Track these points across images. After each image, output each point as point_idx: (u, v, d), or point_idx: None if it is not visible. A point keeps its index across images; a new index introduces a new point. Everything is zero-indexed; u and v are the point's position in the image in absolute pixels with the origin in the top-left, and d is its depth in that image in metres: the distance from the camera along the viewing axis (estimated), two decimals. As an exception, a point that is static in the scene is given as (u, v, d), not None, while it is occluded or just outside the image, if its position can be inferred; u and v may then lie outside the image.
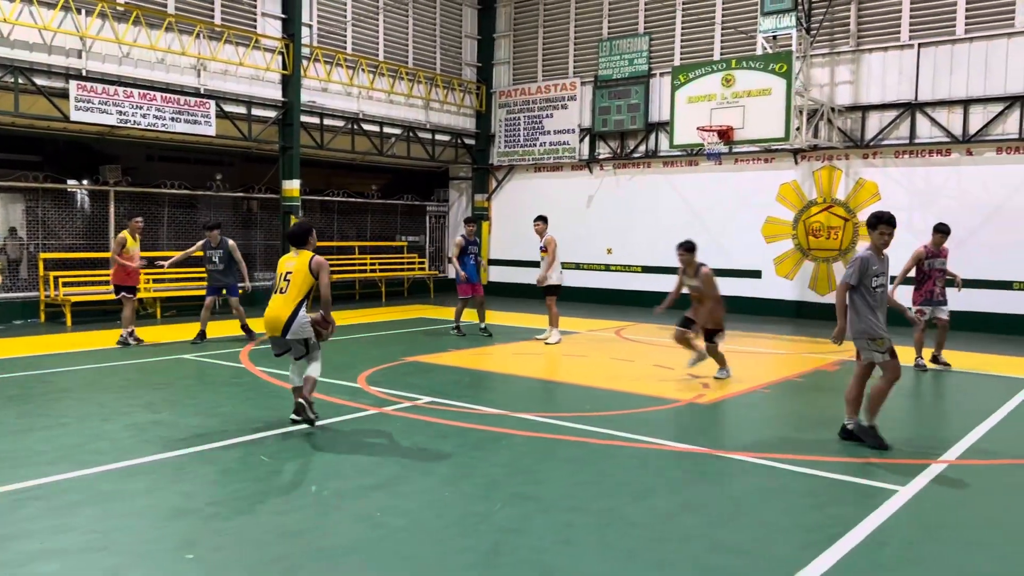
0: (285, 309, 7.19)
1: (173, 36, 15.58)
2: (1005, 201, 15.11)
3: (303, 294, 7.23)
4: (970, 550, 4.71)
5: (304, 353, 7.32)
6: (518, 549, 4.60)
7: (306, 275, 7.21)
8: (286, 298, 7.22)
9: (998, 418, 8.05)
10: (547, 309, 12.99)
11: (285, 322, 7.17)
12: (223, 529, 4.84)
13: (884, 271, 7.15)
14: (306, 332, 7.22)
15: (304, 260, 7.26)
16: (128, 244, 12.24)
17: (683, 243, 10.17)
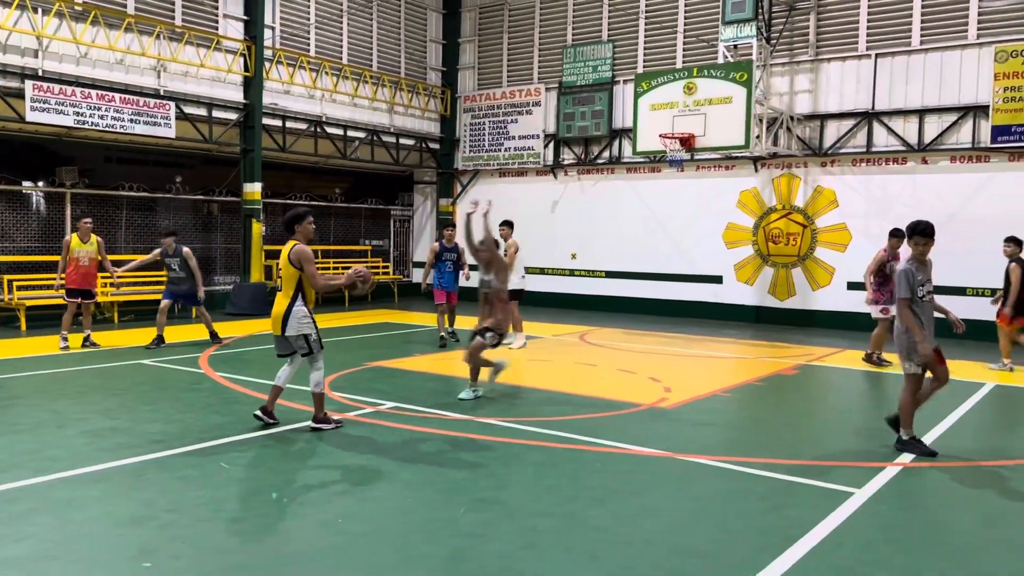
0: (281, 306, 7.16)
1: (133, 37, 15.36)
2: (959, 209, 15.48)
3: (293, 287, 7.16)
4: (925, 551, 4.81)
5: (309, 351, 7.22)
6: (481, 555, 4.60)
7: (289, 267, 7.15)
8: (282, 295, 7.20)
9: (951, 421, 8.24)
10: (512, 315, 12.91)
11: (282, 319, 7.12)
12: (182, 537, 4.77)
13: (928, 278, 7.14)
14: (305, 328, 7.14)
15: (285, 253, 7.19)
16: (74, 246, 11.94)
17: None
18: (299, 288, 7.17)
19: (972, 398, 9.46)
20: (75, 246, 11.97)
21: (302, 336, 7.18)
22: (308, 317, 7.21)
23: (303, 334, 7.17)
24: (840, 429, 8.24)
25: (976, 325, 15.19)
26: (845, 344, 13.96)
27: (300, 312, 7.15)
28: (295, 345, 7.23)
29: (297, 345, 7.22)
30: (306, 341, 7.20)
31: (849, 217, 16.58)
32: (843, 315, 16.47)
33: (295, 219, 7.32)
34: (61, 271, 12.01)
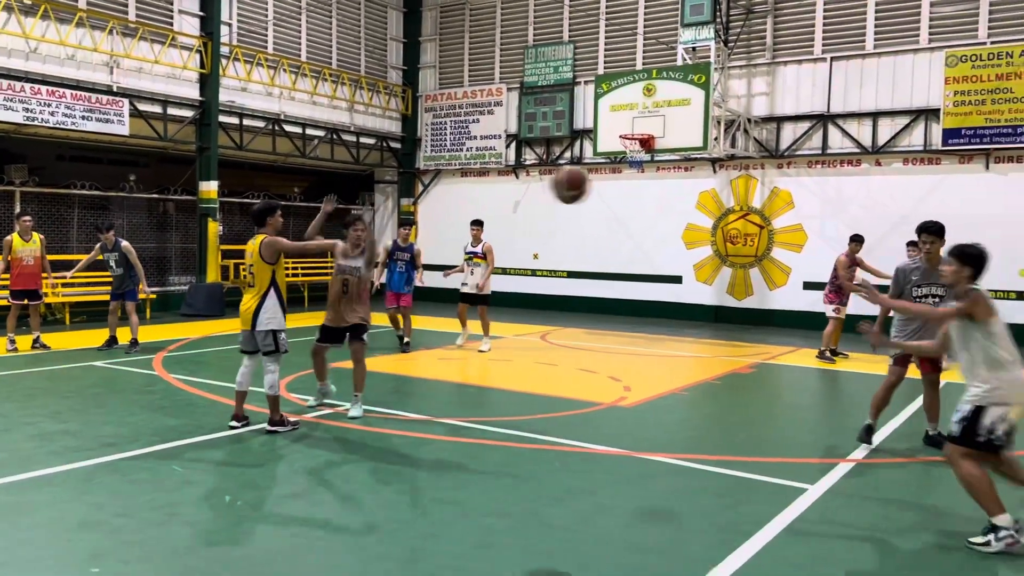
0: (254, 301, 7.04)
1: (84, 32, 15.04)
2: (911, 211, 15.76)
3: (267, 282, 7.02)
4: (874, 546, 4.90)
5: (273, 350, 7.06)
6: (437, 554, 4.58)
7: (260, 261, 7.00)
8: (255, 291, 7.07)
9: (903, 418, 8.40)
10: (481, 317, 12.52)
11: (254, 313, 7.00)
12: (132, 541, 4.68)
13: (931, 281, 6.72)
14: (275, 323, 7.04)
15: (255, 247, 7.03)
16: (15, 245, 11.56)
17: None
18: (273, 283, 7.05)
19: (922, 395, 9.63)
20: (17, 245, 11.58)
21: (270, 332, 7.03)
22: (281, 314, 7.11)
23: (271, 330, 7.04)
24: (794, 426, 8.36)
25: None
26: (800, 343, 14.17)
27: (273, 307, 7.05)
28: (261, 343, 7.07)
29: (264, 343, 7.06)
30: (273, 339, 7.05)
31: (805, 218, 16.84)
32: (799, 314, 16.72)
33: (267, 211, 7.14)
34: (3, 272, 11.65)
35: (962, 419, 4.87)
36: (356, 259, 7.73)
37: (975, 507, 5.65)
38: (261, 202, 7.34)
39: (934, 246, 6.67)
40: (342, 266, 7.73)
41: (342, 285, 7.77)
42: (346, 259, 7.67)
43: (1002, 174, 15.03)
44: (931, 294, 6.79)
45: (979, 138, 14.85)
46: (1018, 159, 14.89)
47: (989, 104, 14.72)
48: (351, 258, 7.69)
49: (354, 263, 7.73)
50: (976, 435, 4.74)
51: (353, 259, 7.71)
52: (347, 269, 7.76)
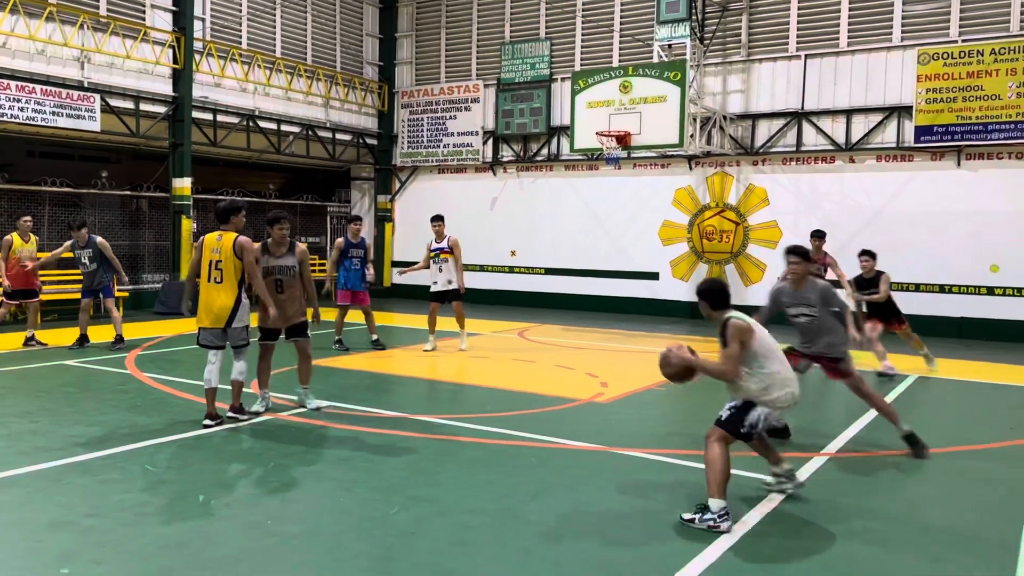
0: (228, 299, 7.09)
1: (55, 26, 14.82)
2: (884, 207, 15.98)
3: (238, 279, 7.13)
4: (848, 540, 4.94)
5: (244, 342, 7.28)
6: (413, 552, 4.56)
7: (233, 259, 7.08)
8: (225, 287, 7.09)
9: (874, 413, 8.44)
10: (456, 313, 12.05)
11: (229, 312, 7.10)
12: (103, 542, 4.62)
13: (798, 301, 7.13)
14: (247, 319, 7.24)
15: (228, 243, 7.10)
16: (16, 245, 11.63)
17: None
18: (243, 279, 7.18)
19: (895, 390, 9.77)
20: (17, 245, 11.69)
21: (244, 327, 7.25)
22: (248, 309, 7.31)
23: (245, 325, 7.25)
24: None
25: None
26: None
27: (246, 303, 7.24)
28: (236, 337, 7.23)
29: (239, 338, 7.25)
30: (246, 331, 7.30)
31: (780, 215, 16.96)
32: (775, 310, 16.82)
33: (233, 210, 7.26)
34: (5, 272, 11.70)
35: (732, 408, 5.36)
36: (286, 258, 7.73)
37: (946, 498, 5.73)
38: (228, 200, 7.45)
39: (799, 267, 7.12)
40: (273, 266, 7.69)
41: (275, 285, 7.72)
42: (276, 259, 7.68)
43: (973, 171, 15.23)
44: (801, 313, 7.14)
45: (951, 135, 15.03)
46: (989, 156, 15.10)
47: (960, 102, 14.91)
48: (280, 257, 7.71)
49: (284, 262, 7.72)
50: (740, 425, 5.27)
51: (283, 258, 7.72)
52: (278, 268, 7.73)
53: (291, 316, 7.79)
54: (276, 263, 7.71)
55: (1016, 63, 14.45)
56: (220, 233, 7.21)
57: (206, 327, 7.21)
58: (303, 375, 8.03)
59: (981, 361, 12.32)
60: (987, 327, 14.98)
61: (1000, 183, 14.98)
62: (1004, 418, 8.43)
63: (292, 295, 7.77)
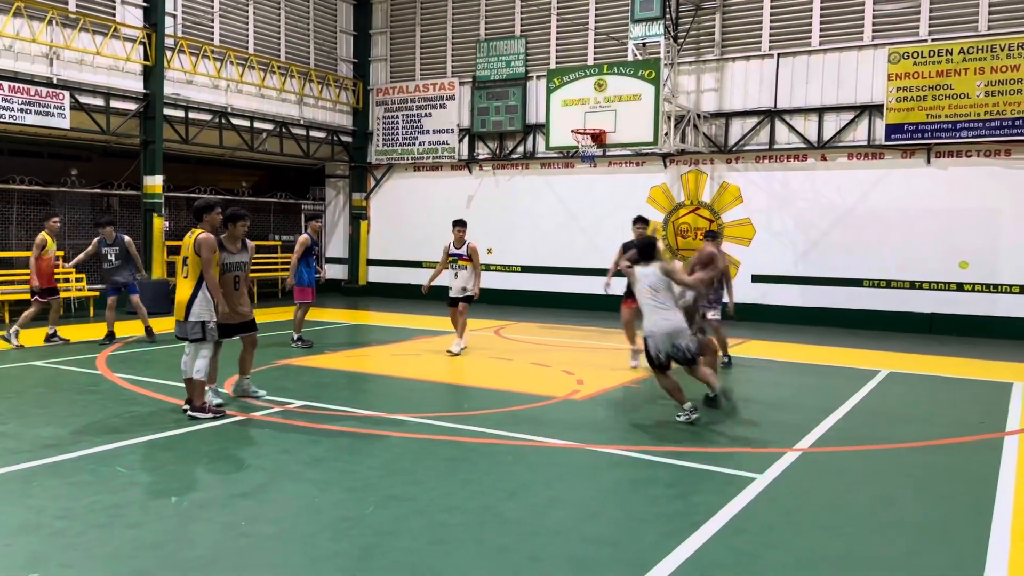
0: (186, 291, 7.34)
1: (23, 22, 14.57)
2: (856, 204, 16.15)
3: (198, 274, 7.34)
4: (821, 533, 4.99)
5: (200, 336, 7.34)
6: (390, 551, 4.55)
7: (193, 255, 7.34)
8: (188, 281, 7.37)
9: (847, 408, 8.58)
10: (460, 318, 11.77)
11: (187, 304, 7.30)
12: (74, 544, 4.55)
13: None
14: (205, 314, 7.32)
15: (191, 240, 7.36)
16: (48, 245, 11.96)
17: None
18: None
19: (867, 385, 9.88)
20: (50, 246, 12.02)
21: (199, 323, 7.34)
22: (210, 304, 7.39)
23: (201, 320, 7.34)
24: (744, 417, 8.47)
25: (869, 315, 15.94)
26: (749, 335, 14.38)
27: (204, 298, 7.34)
28: (189, 331, 7.36)
29: (192, 331, 7.35)
30: (201, 328, 7.35)
31: (753, 212, 17.08)
32: (748, 307, 16.96)
33: (206, 208, 7.56)
34: (35, 270, 11.87)
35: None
36: (241, 254, 7.88)
37: (918, 492, 5.81)
38: (203, 199, 7.78)
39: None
40: (231, 262, 7.78)
41: (233, 281, 7.83)
42: (233, 255, 7.79)
43: (943, 168, 15.44)
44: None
45: (920, 133, 15.23)
46: (958, 154, 15.31)
47: (930, 100, 15.10)
48: (237, 253, 7.83)
49: (241, 258, 7.87)
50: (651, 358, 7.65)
51: (239, 254, 7.85)
52: (236, 265, 7.85)
53: (247, 312, 8.01)
54: (234, 259, 7.82)
55: (984, 62, 14.66)
56: (192, 231, 7.50)
57: (177, 319, 7.47)
58: (247, 365, 8.26)
59: (951, 356, 12.50)
60: (957, 322, 15.20)
61: (969, 181, 15.20)
62: (974, 413, 8.56)
63: (244, 291, 8.01)
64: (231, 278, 7.80)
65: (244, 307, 7.96)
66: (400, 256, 21.47)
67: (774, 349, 12.93)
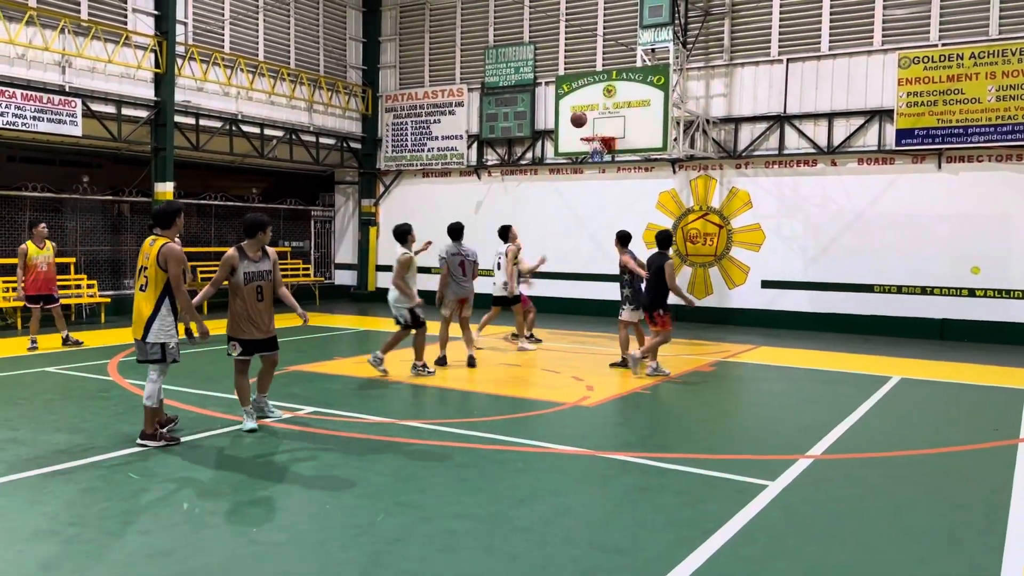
0: (146, 308, 6.62)
1: (35, 30, 14.68)
2: (866, 209, 16.09)
3: (160, 288, 6.62)
4: (832, 542, 4.97)
5: (159, 358, 6.69)
6: (400, 559, 4.55)
7: (156, 268, 6.58)
8: (147, 296, 6.63)
9: (859, 414, 8.53)
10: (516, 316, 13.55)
11: (147, 322, 6.60)
12: (86, 551, 4.58)
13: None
14: (165, 336, 6.66)
15: (155, 250, 6.60)
16: (31, 252, 12.04)
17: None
18: (167, 290, 6.65)
19: (878, 391, 9.83)
20: (32, 253, 12.10)
21: (159, 345, 6.65)
22: (172, 324, 6.72)
23: (161, 342, 6.66)
24: (755, 423, 8.46)
25: (880, 321, 15.86)
26: (760, 341, 14.34)
27: (167, 317, 6.66)
28: (147, 352, 6.68)
29: (151, 352, 6.67)
30: (161, 350, 6.68)
31: (762, 218, 17.04)
32: (758, 312, 16.93)
33: (175, 213, 6.84)
34: (21, 279, 12.12)
35: None
36: (263, 262, 7.28)
37: (931, 500, 5.78)
38: (166, 202, 6.91)
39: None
40: (252, 271, 7.19)
41: (256, 293, 7.22)
42: (255, 264, 7.20)
43: (953, 173, 15.37)
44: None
45: (931, 138, 15.17)
46: (969, 159, 15.23)
47: (941, 105, 15.04)
48: (259, 262, 7.23)
49: (263, 267, 7.25)
50: None
51: (260, 262, 7.25)
52: (258, 274, 7.22)
53: (269, 328, 7.37)
54: (256, 268, 7.21)
55: (995, 67, 14.60)
56: (154, 238, 6.74)
57: (136, 338, 6.76)
58: (265, 384, 7.71)
59: (963, 363, 12.43)
60: (969, 328, 15.11)
61: (980, 185, 15.13)
62: (987, 419, 8.50)
63: (270, 304, 7.37)
64: (253, 288, 7.19)
65: (267, 322, 7.32)
66: (409, 262, 21.46)
67: (784, 355, 12.87)
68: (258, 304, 7.23)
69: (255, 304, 7.22)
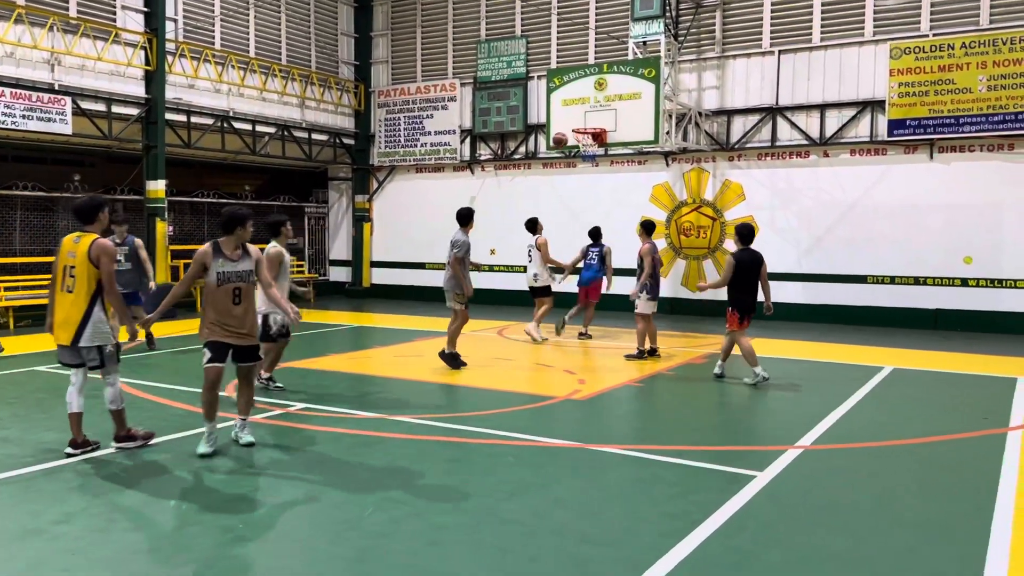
0: (76, 311, 6.13)
1: (23, 28, 14.62)
2: (859, 200, 16.09)
3: (92, 288, 6.15)
4: (820, 532, 4.97)
5: (98, 363, 6.27)
6: (388, 554, 4.54)
7: (88, 265, 6.11)
8: (75, 298, 6.14)
9: (850, 405, 8.54)
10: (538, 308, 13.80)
11: (77, 327, 6.13)
12: (73, 549, 4.56)
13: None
14: (100, 338, 6.21)
15: (84, 247, 6.13)
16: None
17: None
18: (99, 289, 6.19)
19: (870, 382, 9.84)
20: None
21: (95, 348, 6.22)
22: (106, 325, 6.26)
23: (96, 345, 6.21)
24: (745, 415, 8.47)
25: (873, 312, 15.88)
26: (753, 332, 14.28)
27: (99, 318, 6.19)
28: (85, 357, 6.24)
29: (88, 357, 6.25)
30: (99, 353, 6.24)
31: (756, 210, 17.03)
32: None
33: (99, 207, 6.35)
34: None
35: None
36: (243, 261, 6.45)
37: (919, 489, 5.79)
38: (87, 196, 6.29)
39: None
40: (228, 271, 6.36)
41: (233, 295, 6.39)
42: (232, 263, 6.39)
43: (945, 164, 15.37)
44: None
45: (923, 129, 15.17)
46: (961, 149, 15.23)
47: (932, 95, 15.04)
48: (236, 261, 6.42)
49: (241, 266, 6.42)
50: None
51: (239, 262, 6.43)
52: (233, 275, 6.39)
53: (247, 333, 6.50)
54: (232, 268, 6.38)
55: (986, 56, 14.60)
56: (79, 234, 6.26)
57: (60, 344, 6.28)
58: (248, 405, 6.74)
59: (956, 352, 12.45)
60: (962, 318, 15.13)
61: (972, 176, 15.13)
62: (978, 408, 8.51)
63: (249, 307, 6.52)
64: (229, 290, 6.36)
65: (245, 327, 6.46)
66: (403, 258, 21.47)
67: (777, 346, 12.88)
68: (234, 308, 6.38)
69: (230, 308, 6.36)
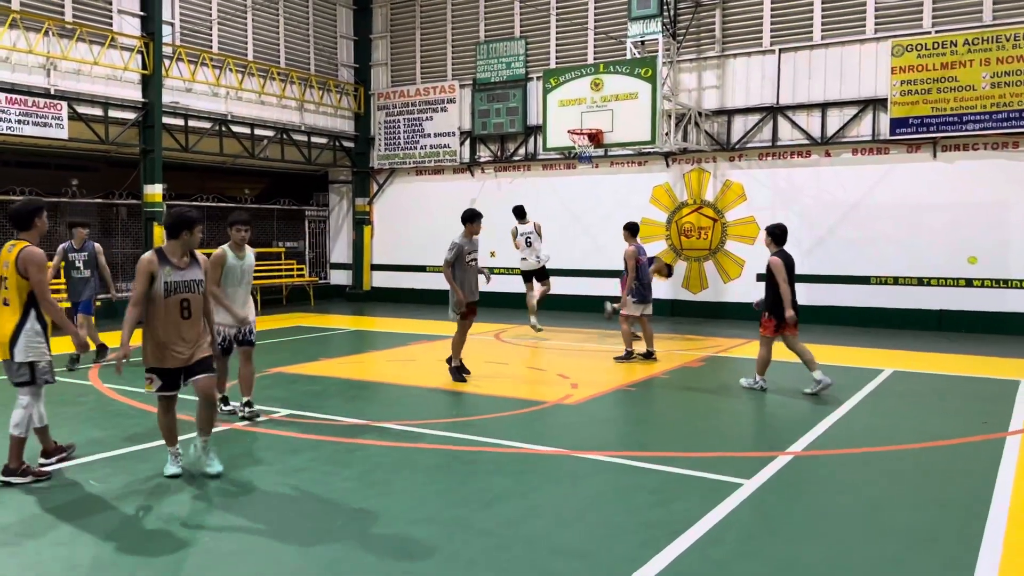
0: (8, 323, 5.68)
1: (19, 33, 14.60)
2: (861, 199, 15.90)
3: (24, 299, 5.69)
4: (803, 542, 4.81)
5: (29, 381, 5.78)
6: (355, 566, 4.41)
7: (17, 276, 5.65)
8: (9, 310, 5.69)
9: (845, 409, 8.37)
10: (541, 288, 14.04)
11: (10, 339, 5.67)
12: (32, 563, 4.45)
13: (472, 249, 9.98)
14: (34, 354, 5.73)
15: (13, 256, 5.66)
16: None
17: None
18: (32, 301, 5.73)
19: (868, 385, 9.66)
20: None
21: (26, 365, 5.74)
22: (42, 339, 5.78)
23: (29, 361, 5.73)
24: (737, 420, 8.31)
25: (877, 313, 15.67)
26: (753, 335, 14.12)
27: (33, 331, 5.72)
28: (14, 373, 5.78)
29: (17, 374, 5.76)
30: (30, 369, 5.76)
31: (757, 210, 16.85)
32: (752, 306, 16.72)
33: (36, 211, 5.84)
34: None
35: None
36: (191, 270, 5.88)
37: (910, 497, 5.63)
38: (24, 200, 6.01)
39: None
40: (174, 281, 5.74)
41: (181, 308, 5.79)
42: (179, 272, 5.80)
43: (949, 162, 15.16)
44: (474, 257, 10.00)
45: (926, 127, 14.96)
46: (964, 147, 15.02)
47: (935, 93, 14.83)
48: (184, 269, 5.84)
49: (189, 275, 5.84)
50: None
51: (187, 270, 5.85)
52: (181, 285, 5.77)
53: (196, 350, 5.88)
54: (180, 277, 5.79)
55: (989, 53, 14.38)
56: (13, 243, 5.75)
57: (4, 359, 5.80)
58: (208, 424, 6.09)
59: (959, 354, 12.24)
60: (966, 319, 14.91)
61: (976, 174, 14.91)
62: (977, 412, 8.32)
63: (198, 320, 5.92)
64: (177, 302, 5.74)
65: (191, 345, 5.84)
66: (404, 261, 21.37)
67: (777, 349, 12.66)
68: (183, 323, 5.79)
69: (178, 323, 5.77)
